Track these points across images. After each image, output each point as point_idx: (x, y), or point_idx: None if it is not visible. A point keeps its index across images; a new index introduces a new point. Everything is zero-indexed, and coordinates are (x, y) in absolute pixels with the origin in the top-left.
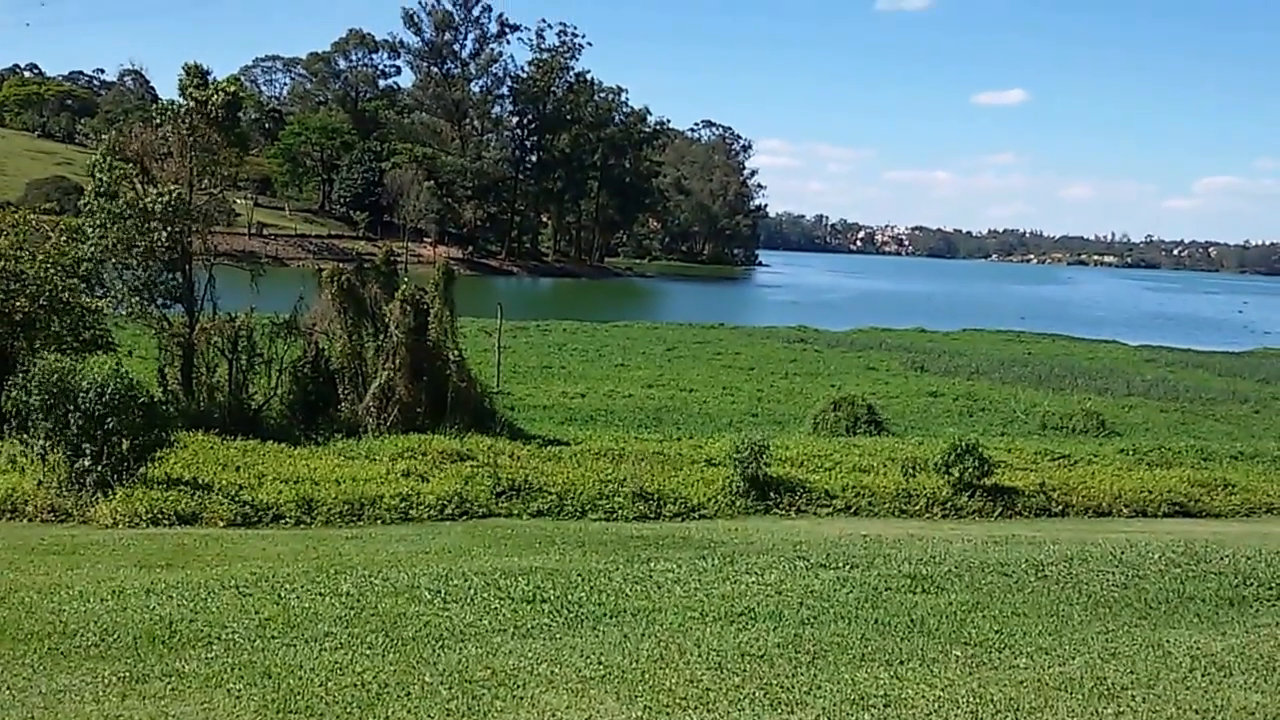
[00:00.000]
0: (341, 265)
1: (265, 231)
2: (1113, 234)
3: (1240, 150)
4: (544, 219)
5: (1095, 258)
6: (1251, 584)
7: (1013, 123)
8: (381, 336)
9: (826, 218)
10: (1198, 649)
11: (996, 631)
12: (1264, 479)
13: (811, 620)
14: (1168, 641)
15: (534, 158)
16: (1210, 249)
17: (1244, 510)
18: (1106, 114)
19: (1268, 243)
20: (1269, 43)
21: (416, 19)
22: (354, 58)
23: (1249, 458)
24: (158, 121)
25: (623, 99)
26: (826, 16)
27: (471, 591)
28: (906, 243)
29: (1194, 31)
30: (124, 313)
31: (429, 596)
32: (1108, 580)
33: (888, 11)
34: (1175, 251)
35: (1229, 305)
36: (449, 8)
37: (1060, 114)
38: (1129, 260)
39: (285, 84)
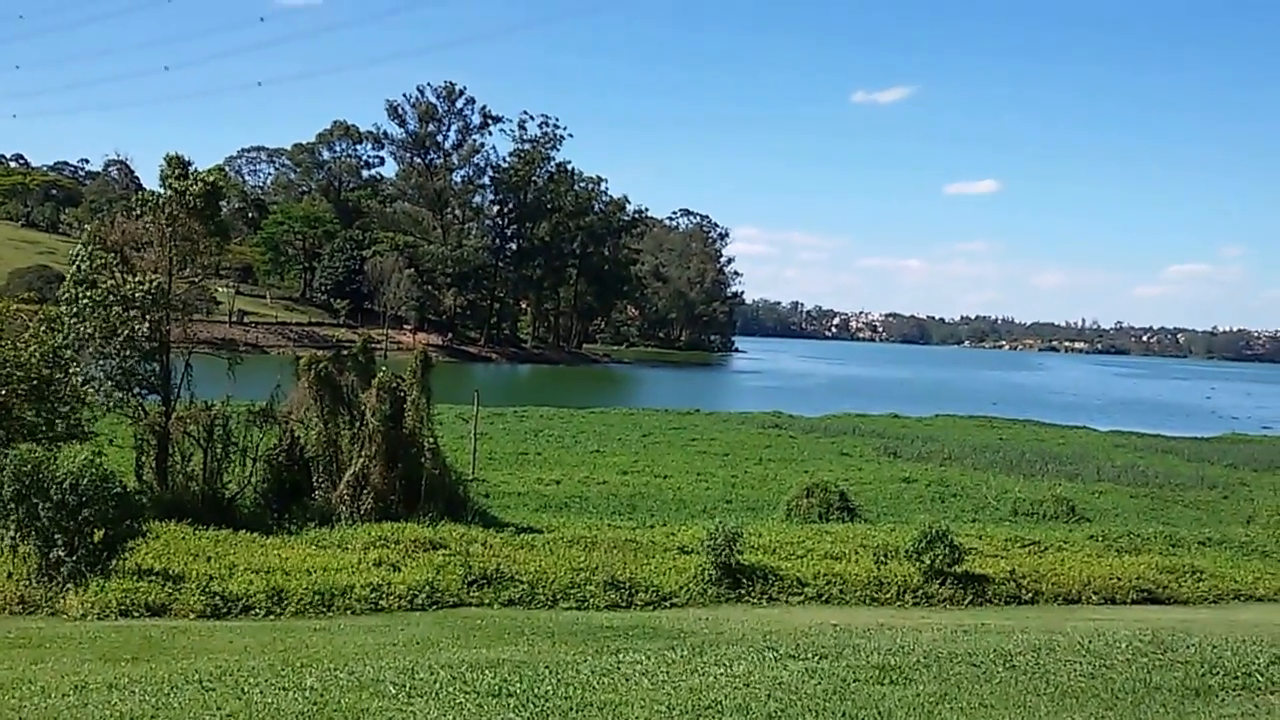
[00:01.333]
0: (318, 353)
1: (246, 319)
2: (1083, 320)
3: (1208, 238)
4: (523, 306)
5: (1066, 344)
6: (1218, 673)
7: (984, 212)
8: (357, 424)
9: (802, 304)
10: None
11: None
12: (1231, 565)
13: (778, 714)
14: None
15: (514, 245)
16: (1179, 335)
17: (1211, 597)
18: (1076, 203)
19: (1235, 329)
20: (1235, 133)
21: (400, 110)
22: (338, 148)
23: (1217, 543)
24: (137, 212)
25: (602, 188)
26: (802, 107)
27: (437, 685)
28: (880, 329)
29: (1161, 122)
30: (101, 401)
31: (393, 691)
32: (1075, 670)
33: (862, 103)
34: (1144, 338)
35: (1197, 391)
36: (433, 100)
37: (1030, 204)
38: (1099, 346)
39: (269, 174)
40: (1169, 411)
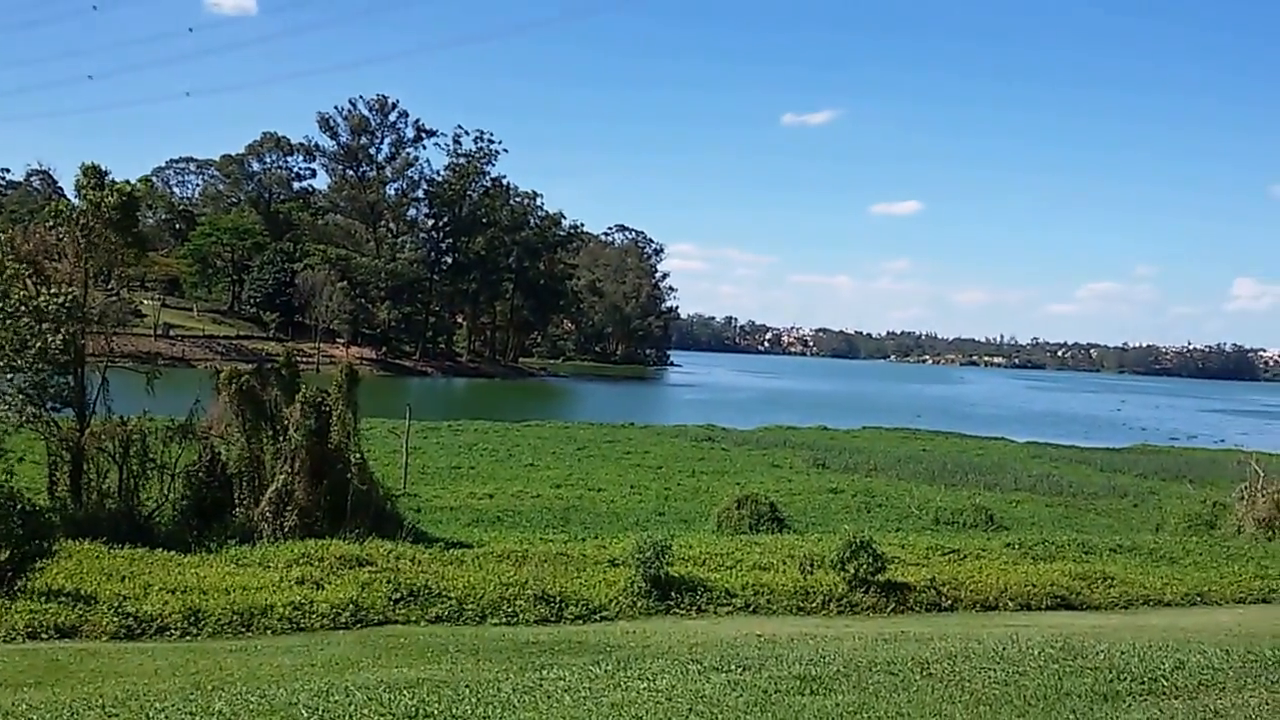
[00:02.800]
0: (240, 367)
1: (172, 332)
2: (1002, 336)
3: (1121, 258)
4: (459, 320)
5: (986, 358)
6: (1125, 679)
7: (908, 232)
8: (281, 440)
9: (735, 319)
10: None
11: None
12: (1141, 571)
13: None
14: None
15: (449, 259)
16: (1091, 350)
17: (1122, 603)
18: (996, 224)
19: (1145, 344)
20: (1147, 157)
21: (332, 123)
22: (268, 160)
23: (1127, 550)
24: (51, 223)
25: (538, 203)
26: (735, 128)
27: (352, 708)
28: (811, 343)
29: (1075, 145)
30: (12, 417)
31: (306, 715)
32: (989, 677)
33: (792, 125)
34: (1059, 353)
35: (1108, 404)
36: (365, 113)
37: (952, 224)
38: (1017, 361)
39: (198, 185)
40: (1082, 423)
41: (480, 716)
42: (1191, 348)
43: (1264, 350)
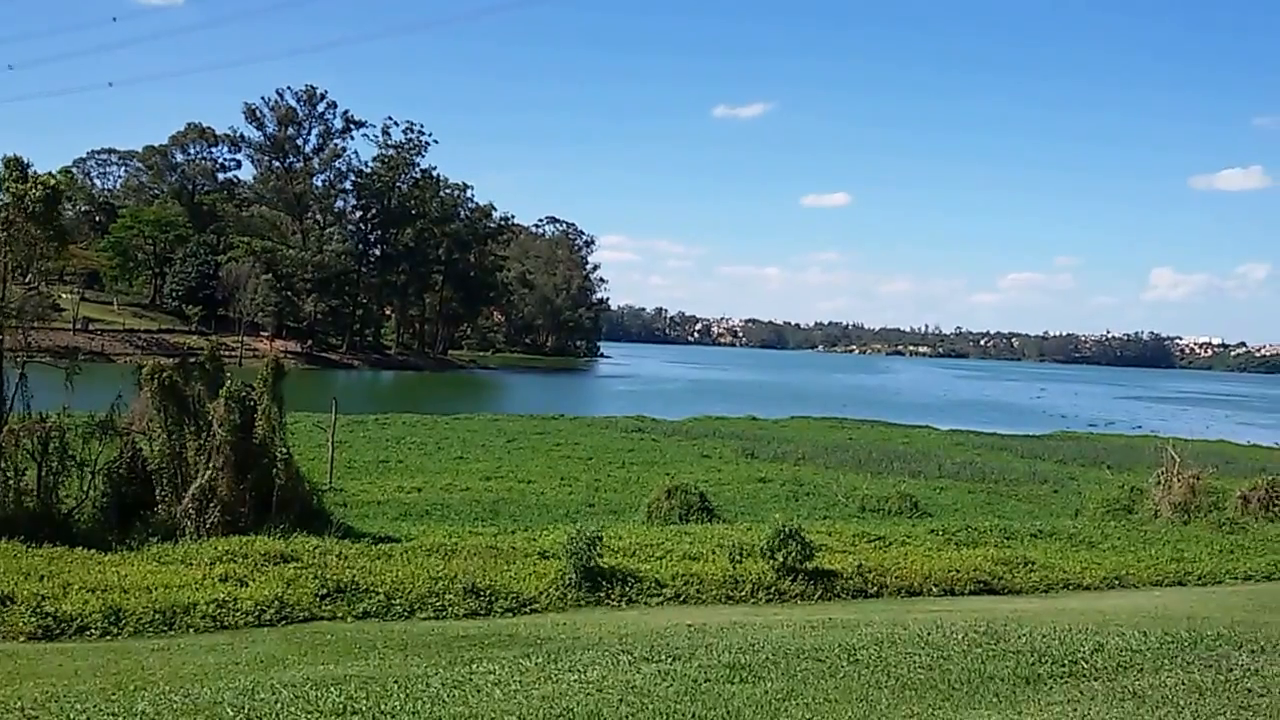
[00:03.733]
0: (162, 361)
1: (92, 327)
2: (926, 326)
3: (1042, 249)
4: (387, 312)
5: (911, 348)
6: (1046, 662)
7: (837, 223)
8: (204, 435)
9: (666, 310)
10: None
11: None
12: (1060, 556)
13: (629, 718)
14: None
15: (377, 251)
16: (1013, 339)
17: (1043, 587)
18: (921, 215)
19: (1064, 333)
20: (1069, 151)
21: (259, 114)
22: (192, 151)
23: (1047, 535)
24: None
25: (468, 195)
26: (667, 120)
27: (278, 706)
28: (740, 334)
29: (999, 140)
30: None
31: (231, 714)
32: (914, 662)
33: (724, 117)
34: (982, 342)
35: (1028, 391)
36: (292, 103)
37: (880, 216)
38: (941, 350)
39: (120, 177)
40: (1003, 411)
41: (408, 712)
42: (1110, 336)
43: (1180, 338)
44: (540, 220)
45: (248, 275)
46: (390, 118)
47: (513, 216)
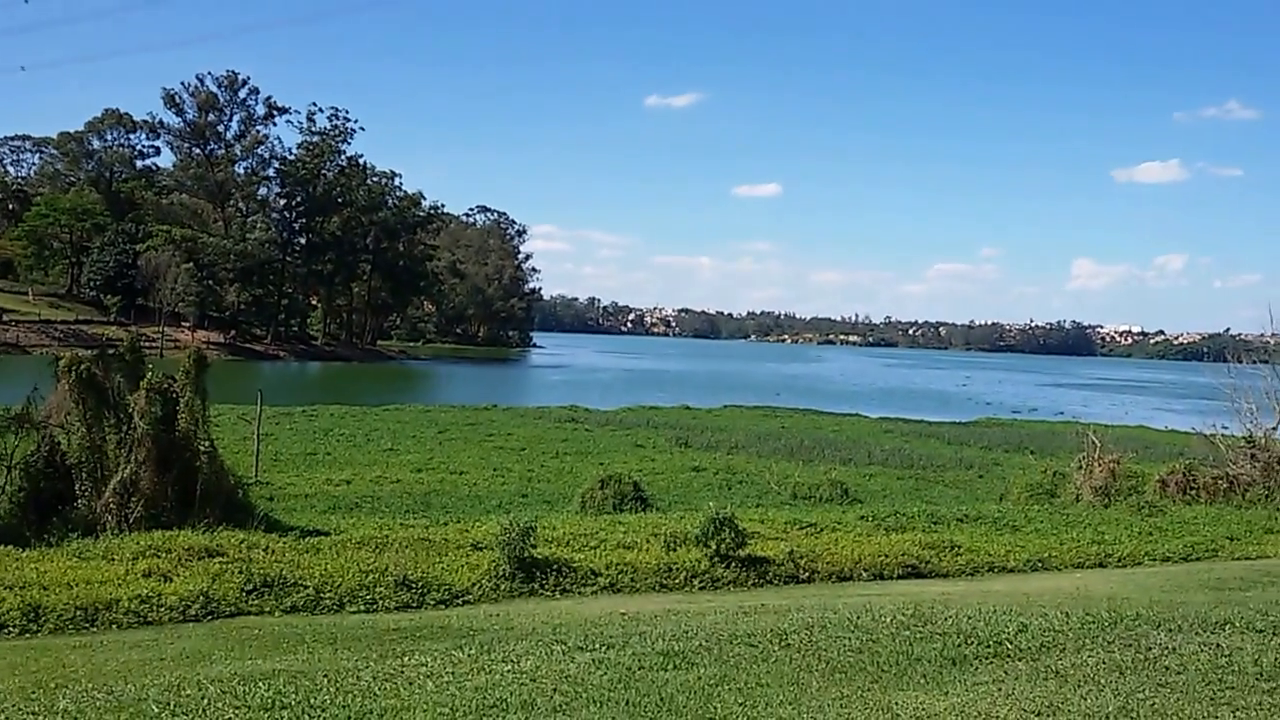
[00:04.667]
0: (80, 353)
1: (5, 317)
2: (856, 315)
3: (967, 240)
4: (313, 302)
5: (841, 337)
6: (972, 643)
7: (769, 213)
8: (125, 428)
9: (599, 300)
10: (923, 710)
11: (741, 704)
12: (986, 539)
13: (563, 707)
14: (896, 704)
15: (303, 240)
16: (940, 328)
17: (969, 570)
18: (851, 207)
19: (990, 322)
20: (992, 144)
21: (178, 99)
22: (109, 137)
23: (973, 520)
24: None
25: (396, 183)
26: (599, 109)
27: (205, 702)
28: (673, 324)
29: (925, 132)
30: None
31: (156, 710)
32: (844, 645)
33: (656, 106)
34: (910, 331)
35: (955, 379)
36: (213, 89)
37: (811, 206)
38: (871, 339)
39: (34, 164)
40: (931, 399)
41: (339, 705)
42: (1033, 325)
43: (1101, 327)
44: (471, 209)
45: (168, 264)
46: (314, 104)
47: (442, 205)
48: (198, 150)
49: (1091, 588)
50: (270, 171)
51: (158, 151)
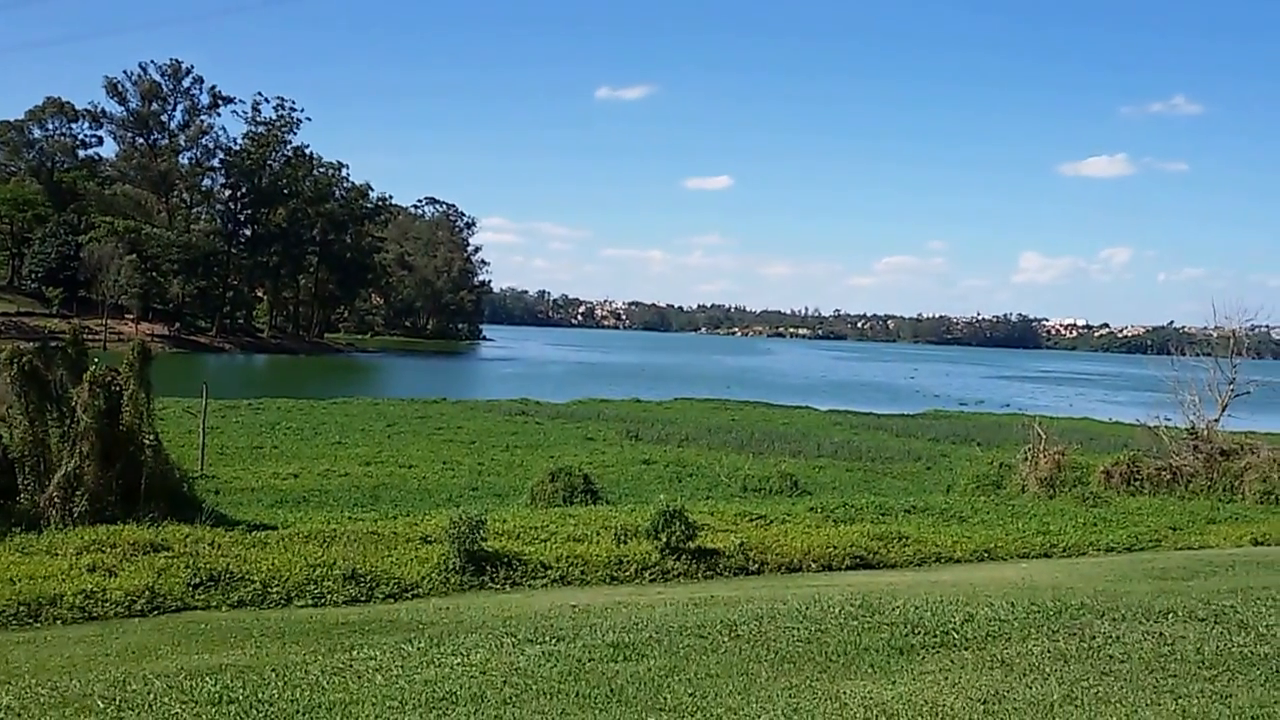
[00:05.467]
0: (22, 345)
1: None
2: (806, 308)
3: (915, 233)
4: (259, 294)
5: (791, 330)
6: (919, 633)
7: (720, 206)
8: (68, 422)
9: (549, 293)
10: (871, 699)
11: (691, 694)
12: (933, 530)
13: (514, 700)
14: (844, 693)
15: (248, 231)
16: (889, 321)
17: (916, 560)
18: (801, 200)
19: (937, 315)
20: (940, 140)
21: (121, 88)
22: (51, 126)
23: (921, 511)
24: None
25: (343, 174)
26: (548, 101)
27: (151, 696)
28: (624, 317)
29: (874, 126)
30: None
31: (102, 706)
32: (793, 636)
33: (607, 99)
34: (859, 324)
35: (902, 371)
36: (157, 78)
37: (761, 199)
38: (820, 332)
39: None
40: (879, 391)
41: (287, 699)
42: (980, 318)
43: (1047, 320)
44: (419, 201)
45: (111, 256)
46: (260, 94)
47: (390, 197)
48: (141, 140)
49: (1037, 578)
50: (215, 162)
51: (100, 141)
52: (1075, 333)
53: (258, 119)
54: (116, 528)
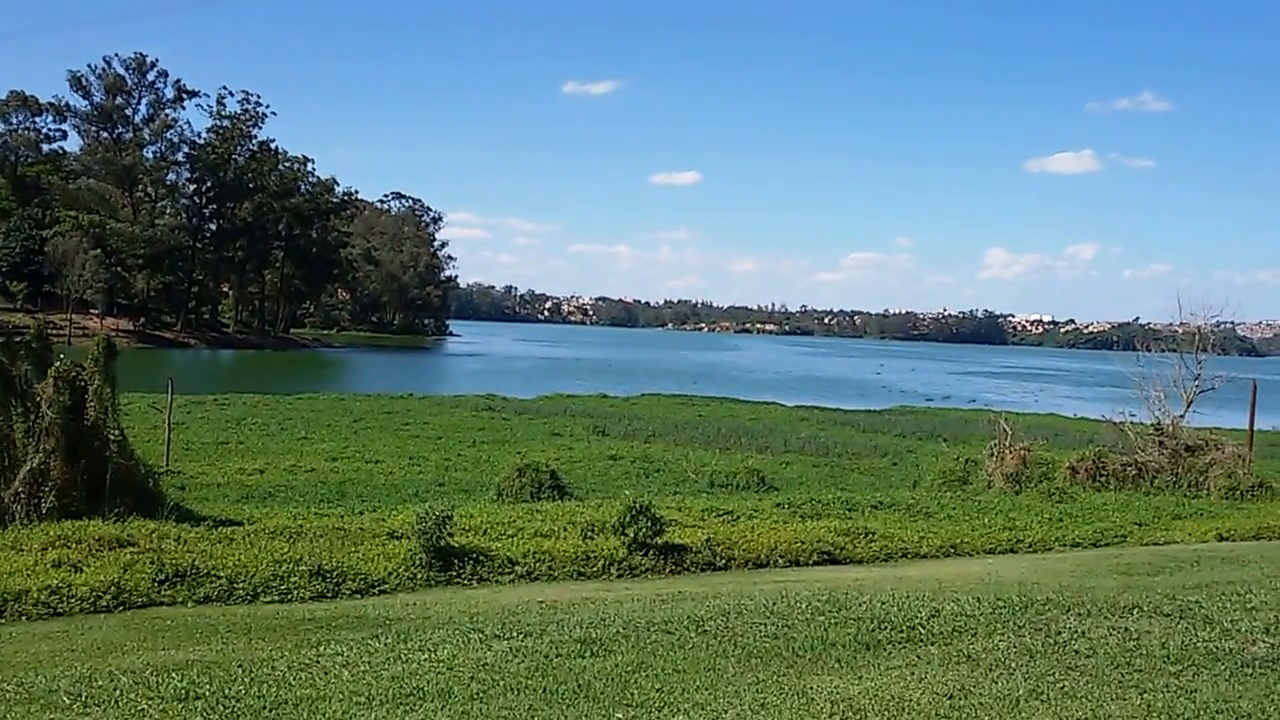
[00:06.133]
0: None
1: None
2: (773, 304)
3: (882, 229)
4: (225, 289)
5: (758, 326)
6: (885, 628)
7: (687, 202)
8: (33, 417)
9: (516, 288)
10: (837, 694)
11: (658, 690)
12: (899, 526)
13: (481, 695)
14: (811, 688)
15: (213, 226)
16: (855, 317)
17: (883, 556)
18: (769, 196)
19: (904, 311)
20: (905, 138)
21: (85, 82)
22: (14, 120)
23: (887, 506)
24: None
25: (309, 168)
26: (516, 96)
27: (117, 693)
28: (591, 312)
29: (840, 124)
30: None
31: (68, 702)
32: (760, 631)
33: (574, 94)
34: (826, 320)
35: (869, 367)
36: (121, 71)
37: (729, 195)
38: (787, 328)
39: None
40: (846, 386)
41: (254, 696)
42: (947, 314)
43: (1013, 316)
44: (386, 196)
45: (76, 250)
46: (225, 87)
47: (356, 191)
48: (105, 134)
49: (1003, 573)
50: (180, 156)
51: (65, 135)
52: (1041, 329)
53: (223, 113)
54: (82, 523)
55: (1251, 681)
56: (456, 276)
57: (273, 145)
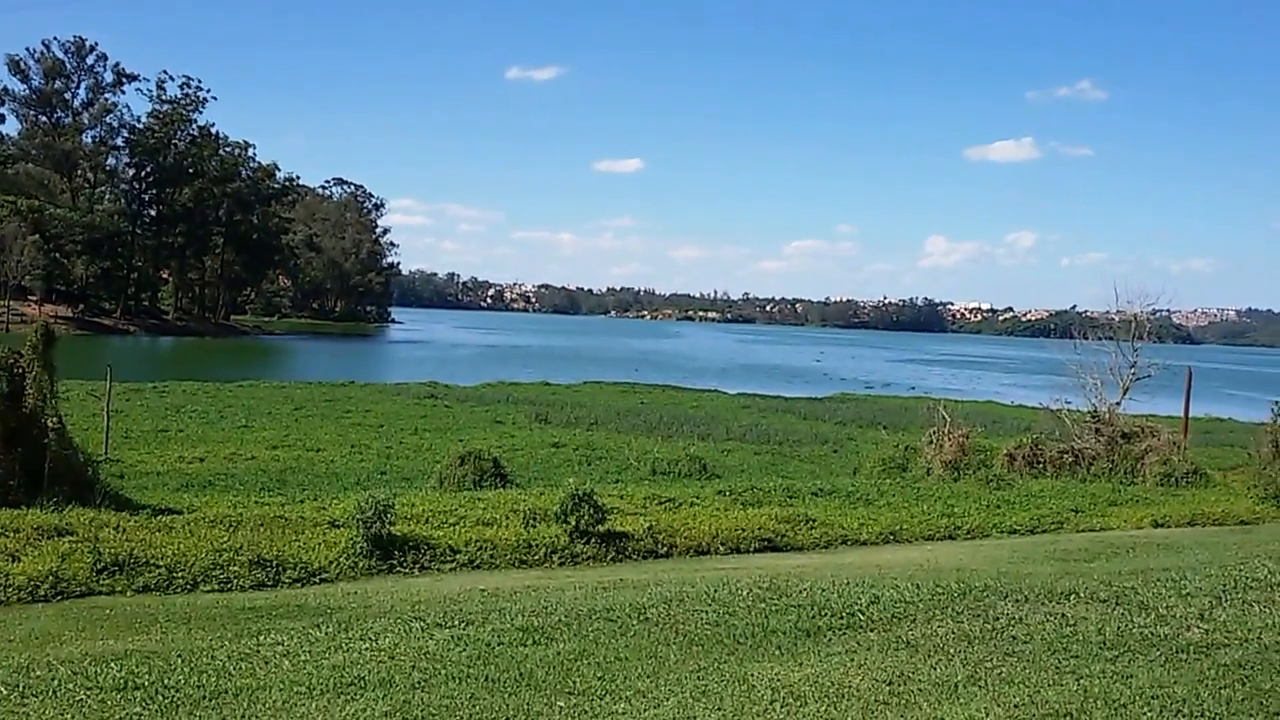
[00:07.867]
0: None
1: None
2: (715, 291)
3: (824, 217)
4: (164, 275)
5: (700, 313)
6: (826, 615)
7: (630, 189)
8: None
9: (459, 275)
10: (778, 680)
11: (599, 678)
12: (839, 513)
13: (422, 684)
14: (752, 675)
15: (153, 212)
16: (797, 305)
17: (823, 543)
18: (712, 184)
19: (845, 299)
20: (847, 124)
21: (23, 65)
22: None
23: (827, 494)
24: None
25: (250, 154)
26: (458, 82)
27: (56, 683)
28: (534, 300)
29: (781, 112)
30: None
31: (5, 692)
32: (701, 619)
33: (517, 79)
34: (768, 307)
35: (810, 355)
36: (60, 55)
37: (671, 182)
38: (729, 316)
39: None
40: (787, 374)
41: (193, 685)
42: (887, 301)
43: (952, 304)
44: (327, 182)
45: (13, 236)
46: (165, 72)
47: (298, 177)
48: (44, 118)
49: (941, 559)
50: (119, 141)
51: (2, 119)
52: (980, 316)
53: (163, 97)
54: (19, 512)
55: (1186, 667)
56: (399, 263)
57: (213, 130)
